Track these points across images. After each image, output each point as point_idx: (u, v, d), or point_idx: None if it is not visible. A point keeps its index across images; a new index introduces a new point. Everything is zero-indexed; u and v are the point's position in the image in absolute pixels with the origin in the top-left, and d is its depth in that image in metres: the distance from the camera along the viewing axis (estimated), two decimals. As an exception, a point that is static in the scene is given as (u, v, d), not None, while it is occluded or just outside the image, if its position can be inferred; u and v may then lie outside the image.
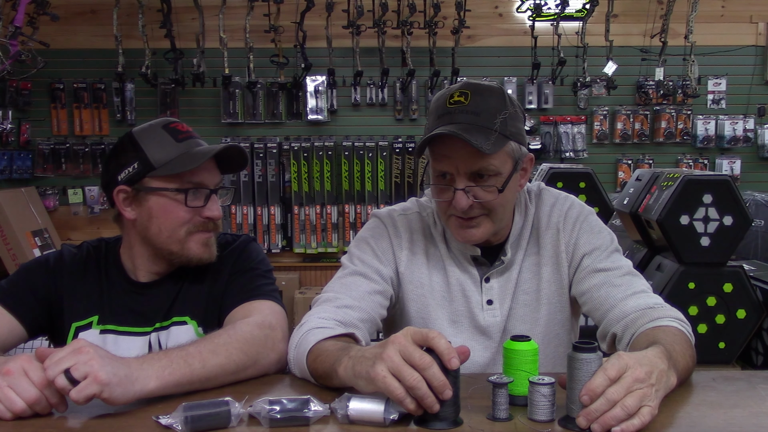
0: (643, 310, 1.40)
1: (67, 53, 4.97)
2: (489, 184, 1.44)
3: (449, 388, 1.05)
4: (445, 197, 1.47)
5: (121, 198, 1.55)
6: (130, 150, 1.54)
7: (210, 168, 1.57)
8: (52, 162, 5.06)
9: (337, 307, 1.45)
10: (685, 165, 5.16)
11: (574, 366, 1.07)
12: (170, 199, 1.52)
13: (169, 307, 1.58)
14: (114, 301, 1.59)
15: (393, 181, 5.09)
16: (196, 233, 1.55)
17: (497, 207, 1.47)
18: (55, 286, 1.59)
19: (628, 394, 1.03)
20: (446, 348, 1.06)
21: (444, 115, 1.43)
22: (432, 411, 1.06)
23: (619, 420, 1.02)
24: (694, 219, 2.93)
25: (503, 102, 1.45)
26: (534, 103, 5.12)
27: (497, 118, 1.42)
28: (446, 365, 1.06)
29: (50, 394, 1.15)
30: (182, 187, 1.52)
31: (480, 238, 1.50)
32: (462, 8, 4.73)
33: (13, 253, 4.46)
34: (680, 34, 4.85)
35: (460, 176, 1.43)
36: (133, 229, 1.58)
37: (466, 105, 1.42)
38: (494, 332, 1.56)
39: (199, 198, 1.54)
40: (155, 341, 1.56)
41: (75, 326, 1.57)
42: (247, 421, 1.13)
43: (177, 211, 1.53)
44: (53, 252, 1.66)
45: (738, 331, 2.93)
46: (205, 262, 1.57)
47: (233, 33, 4.76)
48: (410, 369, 1.05)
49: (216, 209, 1.56)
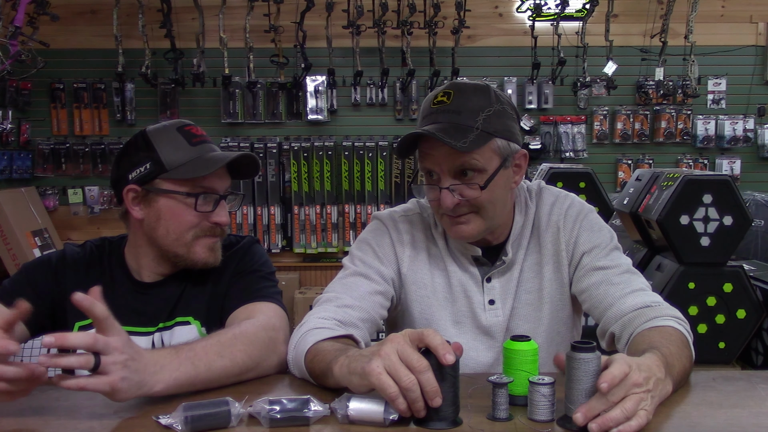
0: (640, 308, 1.40)
1: (67, 53, 4.97)
2: (473, 182, 1.45)
3: (440, 396, 1.06)
4: (433, 196, 1.49)
5: (131, 197, 1.55)
6: (143, 149, 1.54)
7: (221, 174, 1.57)
8: (52, 162, 5.06)
9: (338, 306, 1.45)
10: (685, 165, 5.16)
11: (573, 366, 1.07)
12: (180, 203, 1.53)
13: (173, 308, 1.58)
14: (117, 301, 1.57)
15: (393, 181, 5.09)
16: (202, 237, 1.55)
17: (485, 204, 1.47)
18: (58, 285, 1.59)
19: (626, 397, 1.04)
20: (441, 344, 1.07)
21: (428, 115, 1.46)
22: (419, 416, 1.07)
23: (617, 422, 1.02)
24: (694, 219, 2.93)
25: (487, 100, 1.46)
26: (534, 103, 5.12)
27: (479, 116, 1.43)
28: (441, 361, 1.06)
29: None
30: (193, 191, 1.53)
31: (471, 233, 1.50)
32: (462, 8, 4.73)
33: (13, 253, 4.46)
34: (680, 34, 4.85)
35: (444, 174, 1.45)
36: (140, 229, 1.58)
37: (448, 105, 1.44)
38: (497, 332, 1.56)
39: (208, 203, 1.54)
40: (158, 341, 1.56)
41: (78, 325, 1.57)
42: (247, 421, 1.13)
43: (186, 214, 1.53)
44: (55, 251, 1.66)
45: (738, 331, 2.93)
46: (210, 266, 1.58)
47: (233, 33, 4.76)
48: (406, 370, 1.05)
49: (224, 215, 1.57)
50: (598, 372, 1.06)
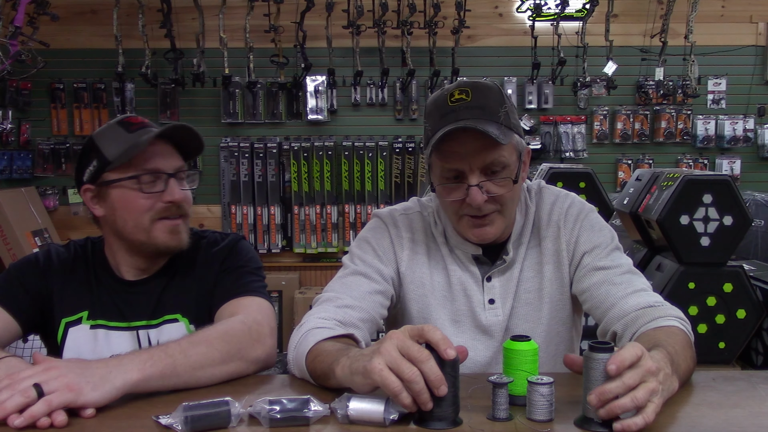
0: (643, 308, 1.40)
1: (67, 53, 4.97)
2: (501, 177, 1.45)
3: (445, 384, 1.05)
4: (456, 196, 1.46)
5: (89, 197, 1.59)
6: (90, 150, 1.58)
7: (165, 153, 1.58)
8: (52, 162, 5.06)
9: (338, 306, 1.45)
10: (685, 165, 5.16)
11: (591, 366, 1.07)
12: (128, 189, 1.54)
13: (157, 305, 1.60)
14: (103, 299, 1.61)
15: (393, 181, 5.09)
16: (159, 220, 1.56)
17: (509, 201, 1.48)
18: (45, 284, 1.61)
19: (638, 386, 1.03)
20: (441, 339, 1.06)
21: (449, 113, 1.43)
22: (425, 408, 1.06)
23: (625, 409, 1.02)
24: (694, 219, 2.93)
25: (501, 97, 1.47)
26: (534, 103, 5.12)
27: (500, 111, 1.44)
28: (442, 356, 1.06)
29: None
30: (137, 174, 1.54)
31: (494, 235, 1.50)
32: (462, 8, 4.73)
33: (13, 253, 4.46)
34: (680, 34, 4.85)
35: (472, 172, 1.43)
36: (105, 225, 1.61)
37: (469, 101, 1.43)
38: (496, 331, 1.56)
39: (157, 184, 1.55)
40: (144, 338, 1.57)
41: (65, 321, 1.59)
42: (247, 421, 1.13)
43: (136, 199, 1.54)
44: (40, 251, 1.68)
45: (738, 331, 2.93)
46: (174, 249, 1.59)
47: (233, 33, 4.76)
48: (408, 363, 1.05)
49: (177, 193, 1.56)
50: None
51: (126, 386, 1.20)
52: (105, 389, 1.17)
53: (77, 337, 1.58)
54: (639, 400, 1.02)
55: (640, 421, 1.03)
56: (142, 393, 1.24)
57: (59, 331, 1.59)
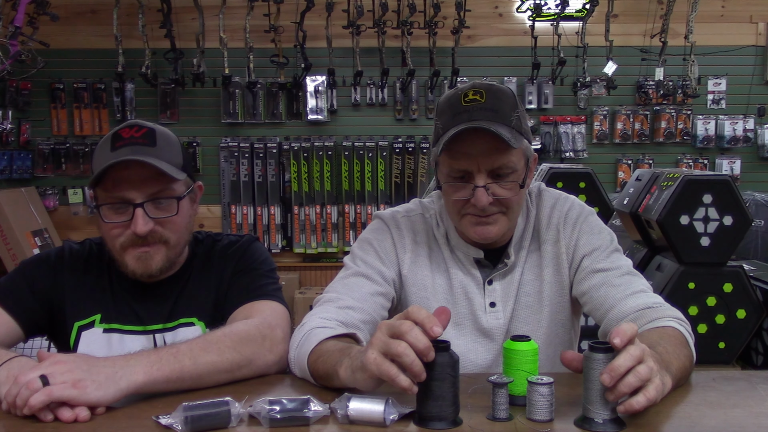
0: (642, 310, 1.40)
1: (67, 53, 4.97)
2: (508, 181, 1.45)
3: (432, 351, 1.05)
4: (461, 195, 1.46)
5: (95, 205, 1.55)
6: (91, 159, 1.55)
7: (136, 180, 1.44)
8: (52, 162, 5.06)
9: (339, 307, 1.45)
10: (685, 165, 5.16)
11: (591, 366, 1.07)
12: (102, 212, 1.48)
13: (172, 308, 1.57)
14: (117, 300, 1.57)
15: (393, 181, 5.09)
16: (129, 248, 1.48)
17: (514, 205, 1.49)
18: (56, 284, 1.57)
19: (639, 365, 1.04)
20: (426, 317, 1.07)
21: (462, 113, 1.43)
22: (419, 379, 1.05)
23: (631, 387, 1.03)
24: (694, 219, 2.93)
25: (514, 101, 1.48)
26: (534, 103, 5.12)
27: (512, 115, 1.44)
28: (428, 333, 1.06)
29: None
30: (105, 202, 1.47)
31: (497, 234, 1.50)
32: (462, 8, 4.73)
33: (13, 253, 4.46)
34: (680, 34, 4.85)
35: (480, 173, 1.43)
36: None
37: (483, 102, 1.43)
38: (497, 334, 1.56)
39: (124, 213, 1.46)
40: (160, 341, 1.54)
41: (77, 325, 1.55)
42: (247, 421, 1.13)
43: (104, 226, 1.49)
44: (55, 249, 1.64)
45: (738, 331, 2.93)
46: (141, 277, 1.52)
47: (233, 33, 4.76)
48: (395, 340, 1.06)
49: (140, 225, 1.44)
50: None
51: (130, 388, 1.20)
52: (109, 390, 1.16)
53: (90, 341, 1.54)
54: (642, 374, 1.03)
55: (643, 399, 1.03)
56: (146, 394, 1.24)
57: (72, 335, 1.55)
